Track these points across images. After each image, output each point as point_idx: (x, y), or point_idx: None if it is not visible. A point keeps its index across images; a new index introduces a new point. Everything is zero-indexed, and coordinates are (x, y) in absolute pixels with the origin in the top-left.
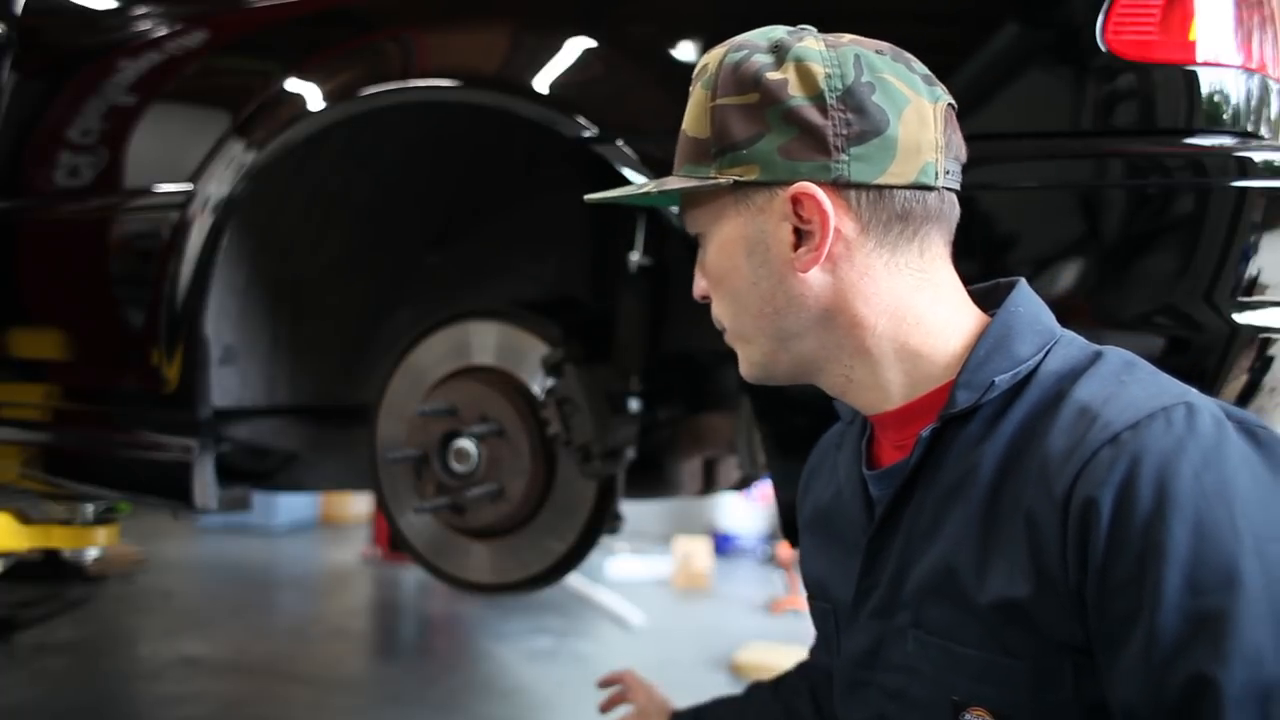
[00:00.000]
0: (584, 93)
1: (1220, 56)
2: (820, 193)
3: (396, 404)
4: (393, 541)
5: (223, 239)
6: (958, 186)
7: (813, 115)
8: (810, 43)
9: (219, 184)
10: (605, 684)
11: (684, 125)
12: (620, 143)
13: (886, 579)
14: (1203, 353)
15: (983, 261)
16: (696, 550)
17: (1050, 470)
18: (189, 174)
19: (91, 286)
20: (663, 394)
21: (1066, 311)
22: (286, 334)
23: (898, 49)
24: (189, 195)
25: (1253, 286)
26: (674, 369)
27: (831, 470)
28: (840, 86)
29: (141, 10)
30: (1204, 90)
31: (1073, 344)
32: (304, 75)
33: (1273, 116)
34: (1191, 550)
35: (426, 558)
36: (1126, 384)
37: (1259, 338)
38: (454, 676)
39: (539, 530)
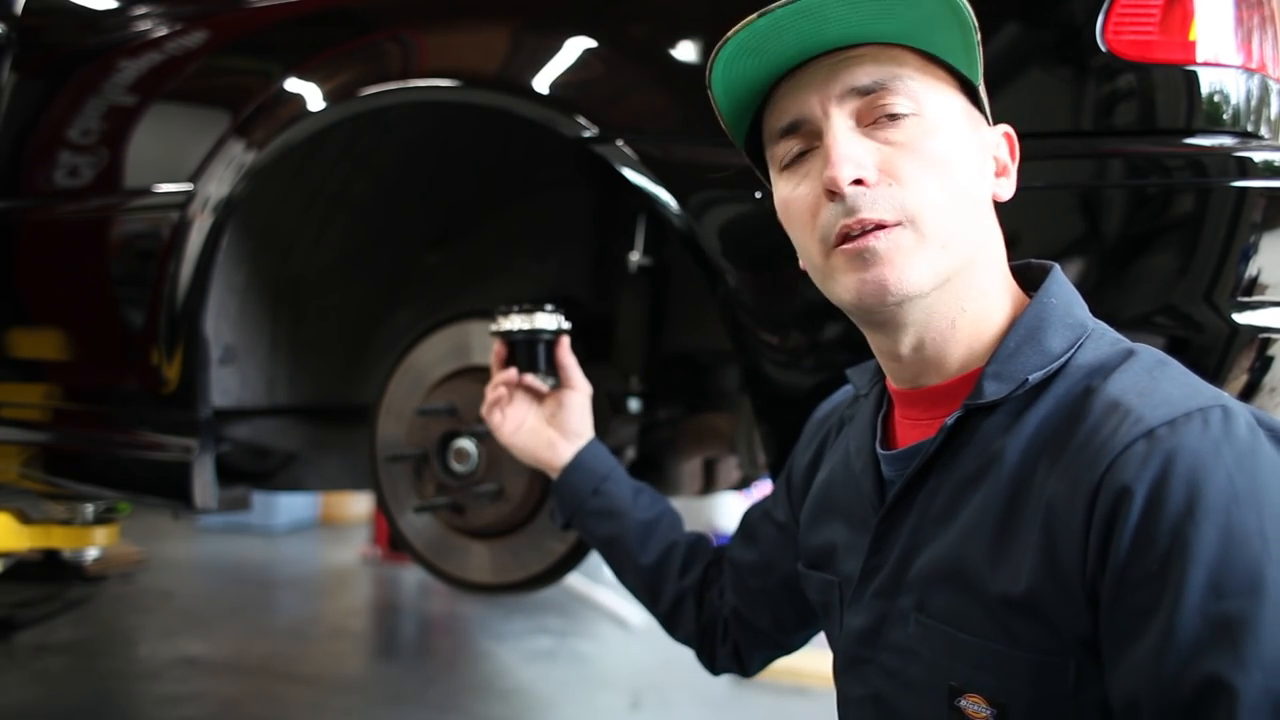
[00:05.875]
0: (584, 93)
1: (1220, 56)
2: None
3: (396, 404)
4: (393, 541)
5: (223, 239)
6: None
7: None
8: None
9: (219, 184)
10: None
11: None
12: (620, 143)
13: (893, 560)
14: (1203, 353)
15: None
16: None
17: (1080, 460)
18: (189, 174)
19: (91, 286)
20: (663, 394)
21: None
22: (286, 334)
23: None
24: (189, 195)
25: (1253, 286)
26: (674, 369)
27: (838, 442)
28: None
29: (141, 10)
30: (1204, 90)
31: (1103, 339)
32: (304, 75)
33: (1273, 116)
34: (1219, 553)
35: (426, 558)
36: (1159, 380)
37: (1259, 338)
38: (454, 676)
39: (539, 530)
